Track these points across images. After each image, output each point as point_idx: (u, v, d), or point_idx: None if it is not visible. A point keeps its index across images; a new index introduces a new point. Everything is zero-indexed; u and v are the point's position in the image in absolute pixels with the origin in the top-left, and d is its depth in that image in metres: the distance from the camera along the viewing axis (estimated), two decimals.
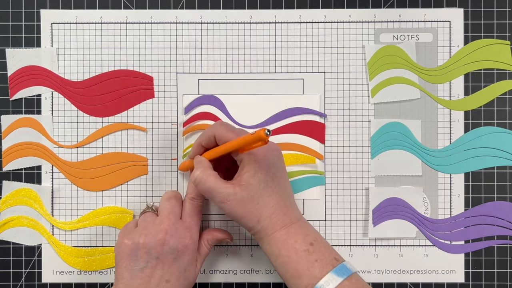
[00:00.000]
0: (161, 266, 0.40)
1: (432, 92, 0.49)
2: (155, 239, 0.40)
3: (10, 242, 0.48)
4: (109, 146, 0.49)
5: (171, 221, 0.41)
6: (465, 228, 0.48)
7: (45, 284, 0.48)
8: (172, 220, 0.41)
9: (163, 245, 0.40)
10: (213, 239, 0.45)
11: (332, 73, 0.49)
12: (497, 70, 0.49)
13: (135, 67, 0.49)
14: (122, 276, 0.40)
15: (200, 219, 0.44)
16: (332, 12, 0.49)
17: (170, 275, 0.40)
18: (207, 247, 0.45)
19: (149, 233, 0.40)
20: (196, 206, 0.43)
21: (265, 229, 0.40)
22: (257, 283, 0.49)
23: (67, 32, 0.49)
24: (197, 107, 0.48)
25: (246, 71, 0.49)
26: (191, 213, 0.43)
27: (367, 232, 0.49)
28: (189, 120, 0.48)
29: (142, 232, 0.40)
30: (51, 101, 0.49)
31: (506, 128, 0.49)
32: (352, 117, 0.49)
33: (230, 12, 0.49)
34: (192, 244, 0.42)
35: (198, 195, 0.43)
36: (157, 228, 0.41)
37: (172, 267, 0.40)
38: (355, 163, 0.49)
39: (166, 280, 0.40)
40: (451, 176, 0.49)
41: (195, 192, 0.43)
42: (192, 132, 0.48)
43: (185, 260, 0.41)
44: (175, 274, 0.40)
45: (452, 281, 0.48)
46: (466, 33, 0.49)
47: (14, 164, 0.48)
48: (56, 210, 0.49)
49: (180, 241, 0.41)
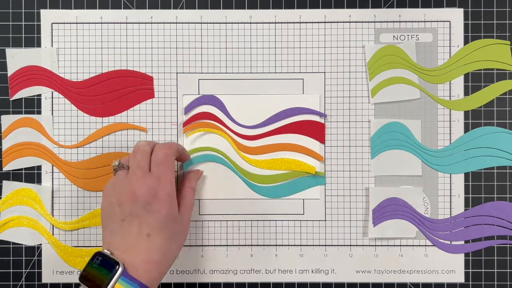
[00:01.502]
0: (136, 221, 0.39)
1: (432, 92, 0.49)
2: (125, 196, 0.39)
3: (10, 242, 0.48)
4: (109, 146, 0.49)
5: (138, 176, 0.40)
6: (465, 228, 0.48)
7: (45, 284, 0.48)
8: (139, 174, 0.40)
9: (133, 200, 0.39)
10: (190, 181, 0.45)
11: (332, 73, 0.49)
12: (497, 70, 0.49)
13: (135, 67, 0.49)
14: (105, 236, 0.40)
15: (171, 166, 0.42)
16: (332, 12, 0.49)
17: (150, 229, 0.39)
18: (189, 192, 0.44)
19: (119, 191, 0.40)
20: (165, 155, 0.42)
21: None
22: (257, 283, 0.49)
23: (67, 32, 0.49)
24: (197, 107, 0.48)
25: (246, 71, 0.49)
26: (158, 162, 0.41)
27: (367, 232, 0.49)
28: (189, 120, 0.48)
29: (113, 191, 0.41)
30: (51, 101, 0.49)
31: (506, 128, 0.49)
32: (352, 117, 0.49)
33: (230, 12, 0.49)
34: (165, 194, 0.40)
35: (169, 145, 0.43)
36: (126, 184, 0.40)
37: (148, 220, 0.39)
38: (355, 163, 0.49)
39: (147, 234, 0.39)
40: (451, 176, 0.49)
41: (167, 144, 0.43)
42: (193, 128, 0.48)
43: (162, 211, 0.40)
44: (155, 227, 0.39)
45: (452, 281, 0.48)
46: (466, 33, 0.49)
47: (14, 164, 0.48)
48: (56, 210, 0.49)
49: (149, 193, 0.39)
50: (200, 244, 0.49)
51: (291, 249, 0.49)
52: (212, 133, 0.48)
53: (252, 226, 0.49)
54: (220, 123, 0.48)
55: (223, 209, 0.49)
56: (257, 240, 0.49)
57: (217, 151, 0.48)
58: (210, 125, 0.48)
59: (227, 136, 0.48)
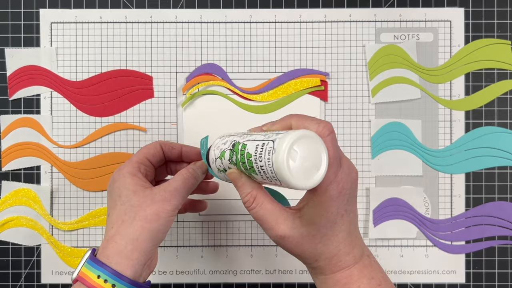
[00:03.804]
0: (110, 205, 0.36)
1: (432, 92, 0.49)
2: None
3: (10, 242, 0.48)
4: (109, 146, 0.49)
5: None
6: (465, 228, 0.48)
7: (45, 284, 0.48)
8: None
9: (110, 184, 0.37)
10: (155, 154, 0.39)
11: (332, 73, 0.49)
12: (497, 70, 0.49)
13: (135, 67, 0.49)
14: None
15: (142, 153, 0.39)
16: (333, 11, 0.49)
17: (124, 215, 0.35)
18: (150, 164, 0.39)
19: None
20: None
21: (322, 268, 0.33)
22: (257, 283, 0.49)
23: (66, 31, 0.48)
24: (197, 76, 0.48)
25: (246, 71, 0.49)
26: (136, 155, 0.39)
27: (367, 232, 0.48)
28: (189, 83, 0.48)
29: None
30: (50, 101, 0.48)
31: (507, 128, 0.48)
32: (352, 117, 0.49)
33: (230, 11, 0.49)
34: (127, 172, 0.36)
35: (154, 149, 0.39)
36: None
37: (115, 201, 0.36)
38: (356, 163, 0.49)
39: (122, 221, 0.35)
40: (451, 176, 0.48)
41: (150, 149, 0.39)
42: (193, 84, 0.48)
43: (128, 187, 0.35)
44: (129, 211, 0.35)
45: (452, 282, 0.48)
46: (466, 32, 0.49)
47: (13, 164, 0.48)
48: (56, 210, 0.48)
49: (115, 174, 0.37)
50: (200, 245, 0.49)
51: None
52: (212, 94, 0.48)
53: (252, 226, 0.49)
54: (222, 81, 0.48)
55: (223, 209, 0.49)
56: (257, 240, 0.49)
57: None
58: (210, 79, 0.48)
59: (228, 96, 0.48)
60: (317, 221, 0.32)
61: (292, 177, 0.28)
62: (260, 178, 0.31)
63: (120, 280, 0.32)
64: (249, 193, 0.33)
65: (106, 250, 0.34)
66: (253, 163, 0.30)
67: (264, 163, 0.29)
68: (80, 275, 0.33)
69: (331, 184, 0.31)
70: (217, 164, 0.35)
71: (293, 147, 0.28)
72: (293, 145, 0.28)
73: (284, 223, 0.32)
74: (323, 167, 0.29)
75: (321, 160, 0.29)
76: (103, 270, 0.33)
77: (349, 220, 0.33)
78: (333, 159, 0.30)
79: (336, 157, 0.31)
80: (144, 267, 0.34)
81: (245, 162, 0.31)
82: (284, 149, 0.28)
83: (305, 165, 0.28)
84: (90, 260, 0.33)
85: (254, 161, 0.30)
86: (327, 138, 0.30)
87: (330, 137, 0.30)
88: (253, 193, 0.33)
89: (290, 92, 0.48)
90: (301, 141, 0.28)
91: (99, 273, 0.32)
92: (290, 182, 0.28)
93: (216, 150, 0.36)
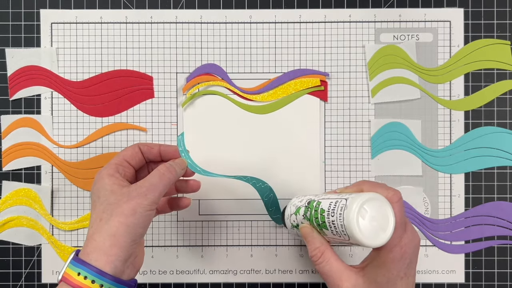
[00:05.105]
0: (92, 207, 0.36)
1: (432, 92, 0.49)
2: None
3: (10, 242, 0.48)
4: (109, 146, 0.49)
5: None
6: (465, 228, 0.48)
7: (45, 284, 0.48)
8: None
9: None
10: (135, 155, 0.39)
11: (332, 73, 0.49)
12: (497, 70, 0.49)
13: (135, 67, 0.49)
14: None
15: (124, 153, 0.39)
16: (332, 12, 0.49)
17: (102, 212, 0.35)
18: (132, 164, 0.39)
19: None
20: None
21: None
22: (257, 283, 0.49)
23: (66, 32, 0.49)
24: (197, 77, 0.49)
25: (246, 71, 0.49)
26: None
27: None
28: (189, 83, 0.48)
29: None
30: (51, 101, 0.49)
31: (507, 128, 0.49)
32: (352, 117, 0.49)
33: (230, 12, 0.49)
34: (105, 173, 0.36)
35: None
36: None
37: (97, 199, 0.36)
38: (355, 163, 0.49)
39: (100, 219, 0.35)
40: (451, 176, 0.49)
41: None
42: (193, 84, 0.48)
43: (107, 187, 0.36)
44: (108, 209, 0.35)
45: (452, 281, 0.48)
46: (466, 33, 0.49)
47: (14, 164, 0.48)
48: (56, 210, 0.49)
49: (95, 177, 0.37)
50: (200, 244, 0.49)
51: (291, 249, 0.49)
52: (212, 94, 0.48)
53: (252, 226, 0.49)
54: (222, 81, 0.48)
55: (223, 209, 0.49)
56: (257, 240, 0.49)
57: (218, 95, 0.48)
58: (210, 79, 0.48)
59: (228, 96, 0.48)
60: (379, 280, 0.34)
61: (360, 233, 0.31)
62: (330, 233, 0.34)
63: (100, 276, 0.33)
64: (317, 247, 0.36)
65: (86, 248, 0.34)
66: (325, 218, 0.34)
67: (335, 218, 0.33)
68: (64, 275, 0.34)
69: (395, 247, 0.33)
70: (291, 219, 0.39)
71: (364, 206, 0.31)
72: (364, 204, 0.31)
73: (348, 281, 0.35)
74: (390, 228, 0.32)
75: (388, 222, 0.32)
76: (82, 267, 0.33)
77: (407, 283, 0.35)
78: (399, 224, 0.33)
79: (402, 222, 0.34)
80: (125, 264, 0.35)
81: (318, 217, 0.35)
82: (355, 206, 0.31)
83: (373, 224, 0.31)
84: (73, 259, 0.34)
85: (326, 216, 0.34)
86: (395, 204, 0.33)
87: (398, 204, 0.34)
88: (321, 249, 0.36)
89: (290, 92, 0.48)
90: (371, 202, 0.32)
91: (79, 271, 0.33)
92: (358, 237, 0.31)
93: (292, 207, 0.40)
